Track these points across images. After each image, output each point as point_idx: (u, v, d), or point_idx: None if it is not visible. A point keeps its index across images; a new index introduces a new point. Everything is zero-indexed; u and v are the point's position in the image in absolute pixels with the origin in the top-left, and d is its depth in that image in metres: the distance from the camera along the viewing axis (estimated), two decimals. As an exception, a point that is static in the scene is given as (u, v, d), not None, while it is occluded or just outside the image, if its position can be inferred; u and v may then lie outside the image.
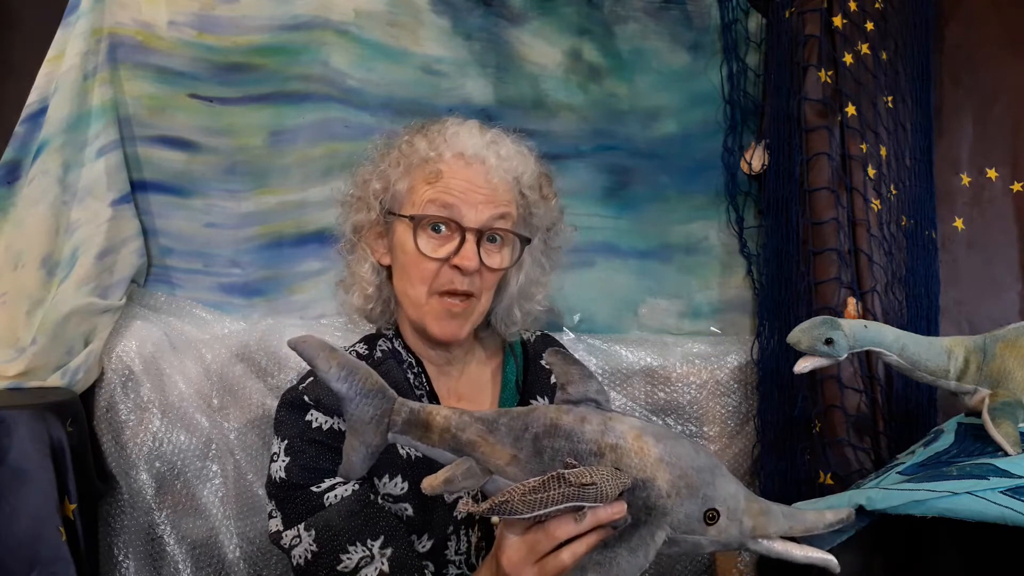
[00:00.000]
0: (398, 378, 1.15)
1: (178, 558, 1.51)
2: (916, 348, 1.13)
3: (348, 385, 0.83)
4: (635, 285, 1.76)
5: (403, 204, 1.16)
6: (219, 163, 1.64)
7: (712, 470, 0.80)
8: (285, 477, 1.08)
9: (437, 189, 1.12)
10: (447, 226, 1.13)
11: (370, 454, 0.85)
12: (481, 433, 0.83)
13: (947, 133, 1.77)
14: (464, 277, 1.13)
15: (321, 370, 0.83)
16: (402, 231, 1.15)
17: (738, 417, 1.70)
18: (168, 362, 1.54)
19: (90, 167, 1.53)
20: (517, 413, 0.84)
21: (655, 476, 0.78)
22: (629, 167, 1.77)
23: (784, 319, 1.56)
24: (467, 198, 1.12)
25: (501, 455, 0.82)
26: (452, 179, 1.12)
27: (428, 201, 1.12)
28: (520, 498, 0.75)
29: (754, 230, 1.77)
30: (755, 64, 1.78)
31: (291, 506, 1.07)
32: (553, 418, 0.82)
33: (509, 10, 1.74)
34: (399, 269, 1.17)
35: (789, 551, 0.80)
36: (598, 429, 0.80)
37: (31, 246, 1.49)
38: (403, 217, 1.15)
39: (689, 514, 0.78)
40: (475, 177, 1.13)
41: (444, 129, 1.17)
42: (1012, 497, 0.90)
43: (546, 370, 1.27)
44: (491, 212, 1.13)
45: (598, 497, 0.75)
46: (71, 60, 1.52)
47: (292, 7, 1.64)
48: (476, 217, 1.12)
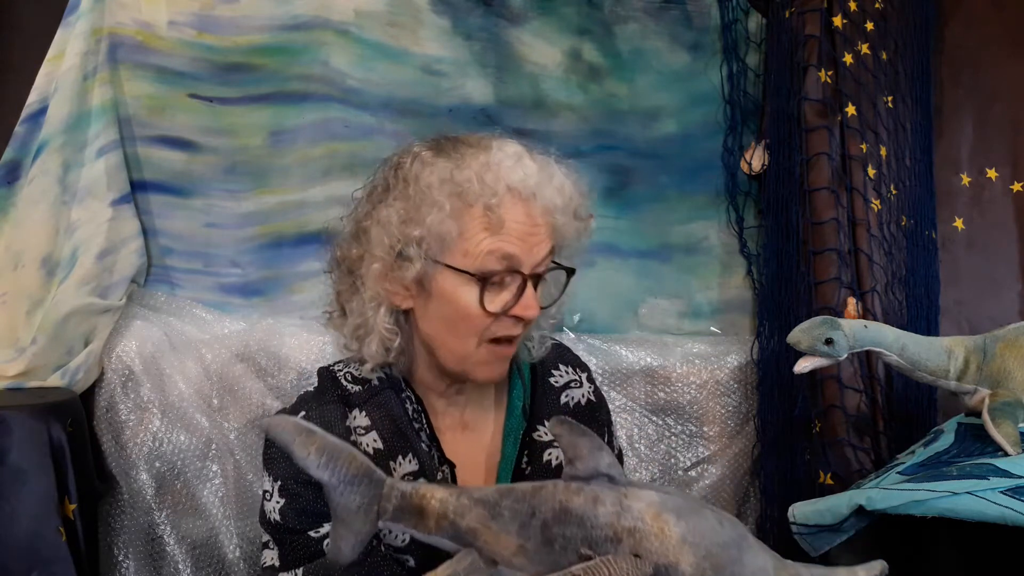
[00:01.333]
0: (396, 412, 1.06)
1: (178, 558, 1.51)
2: (916, 348, 1.13)
3: (330, 472, 0.76)
4: (635, 285, 1.76)
5: (451, 251, 0.99)
6: (219, 163, 1.64)
7: (738, 544, 0.75)
8: (280, 520, 1.03)
9: (498, 239, 0.98)
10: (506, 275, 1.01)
11: (359, 542, 0.79)
12: (483, 519, 0.76)
13: (947, 133, 1.77)
14: (519, 323, 1.03)
15: (299, 457, 0.77)
16: (450, 282, 1.00)
17: (738, 417, 1.70)
18: (168, 362, 1.54)
19: (90, 167, 1.53)
20: (522, 494, 0.77)
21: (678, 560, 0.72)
22: (629, 167, 1.77)
23: (784, 319, 1.56)
24: (526, 243, 1.00)
25: (506, 544, 0.76)
26: (511, 223, 0.99)
27: (487, 252, 0.99)
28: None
29: (754, 230, 1.77)
30: (755, 64, 1.78)
31: (289, 549, 1.02)
32: (563, 501, 0.75)
33: (509, 10, 1.74)
34: (439, 319, 1.03)
35: None
36: (613, 511, 0.74)
37: (31, 246, 1.49)
38: (460, 272, 0.99)
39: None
40: (530, 215, 1.00)
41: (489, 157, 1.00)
42: (1012, 497, 0.90)
43: (555, 388, 1.16)
44: (544, 251, 1.02)
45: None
46: (71, 60, 1.52)
47: (292, 7, 1.64)
48: (533, 260, 1.01)
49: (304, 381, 1.57)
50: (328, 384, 1.11)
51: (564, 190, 1.03)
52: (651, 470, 1.67)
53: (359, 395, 1.08)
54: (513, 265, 1.00)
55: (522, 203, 1.00)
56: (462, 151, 1.02)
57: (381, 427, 1.05)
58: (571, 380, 1.18)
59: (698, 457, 1.69)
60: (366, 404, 1.07)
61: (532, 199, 1.00)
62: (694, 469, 1.68)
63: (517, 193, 0.99)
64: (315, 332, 1.57)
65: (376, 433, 1.04)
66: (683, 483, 1.67)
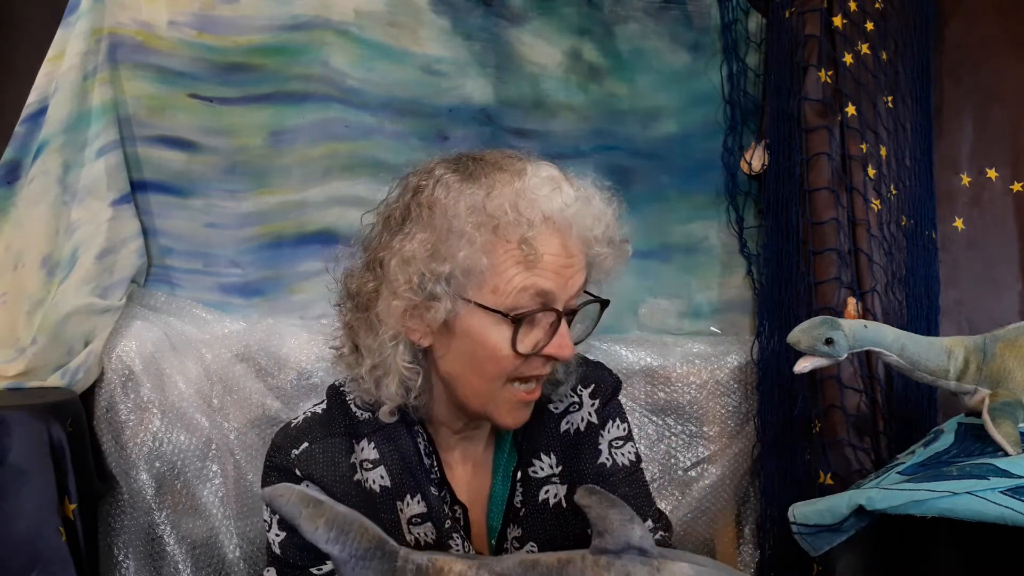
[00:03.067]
0: (406, 447, 0.99)
1: (178, 558, 1.51)
2: (916, 348, 1.13)
3: (341, 547, 0.73)
4: (635, 285, 1.76)
5: (480, 288, 0.91)
6: (219, 163, 1.64)
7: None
8: (281, 554, 0.97)
9: (533, 274, 0.90)
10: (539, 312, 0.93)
11: None
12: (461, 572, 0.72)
13: (947, 133, 1.77)
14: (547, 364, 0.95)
15: (306, 531, 0.72)
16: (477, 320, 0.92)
17: (738, 417, 1.70)
18: (168, 362, 1.54)
19: (90, 167, 1.53)
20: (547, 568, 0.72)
21: None
22: (629, 167, 1.77)
23: (784, 319, 1.56)
24: (561, 276, 0.92)
25: None
26: (547, 258, 0.90)
27: (520, 289, 0.90)
28: None
29: (754, 230, 1.77)
30: (755, 64, 1.78)
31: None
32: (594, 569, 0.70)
33: (509, 10, 1.74)
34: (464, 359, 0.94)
35: None
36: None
37: (31, 246, 1.49)
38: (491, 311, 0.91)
39: None
40: (565, 247, 0.92)
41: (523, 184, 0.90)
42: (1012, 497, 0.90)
43: (555, 416, 1.07)
44: (579, 284, 0.95)
45: None
46: (71, 60, 1.52)
47: (292, 7, 1.64)
48: (567, 294, 0.93)
49: (304, 381, 1.57)
50: (337, 411, 1.03)
51: (603, 219, 0.95)
52: (651, 470, 1.67)
53: (368, 424, 1.01)
54: (547, 302, 0.91)
55: (558, 234, 0.91)
56: (492, 176, 0.92)
57: (389, 462, 0.98)
58: (571, 404, 1.08)
59: (698, 457, 1.69)
60: (375, 435, 1.00)
61: (568, 229, 0.91)
62: (694, 469, 1.68)
63: (553, 223, 0.90)
64: (315, 332, 1.57)
65: (384, 469, 0.98)
66: (683, 483, 1.68)
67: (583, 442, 1.06)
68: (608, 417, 1.09)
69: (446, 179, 0.92)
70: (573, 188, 0.93)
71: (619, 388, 1.13)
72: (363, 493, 0.96)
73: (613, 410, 1.11)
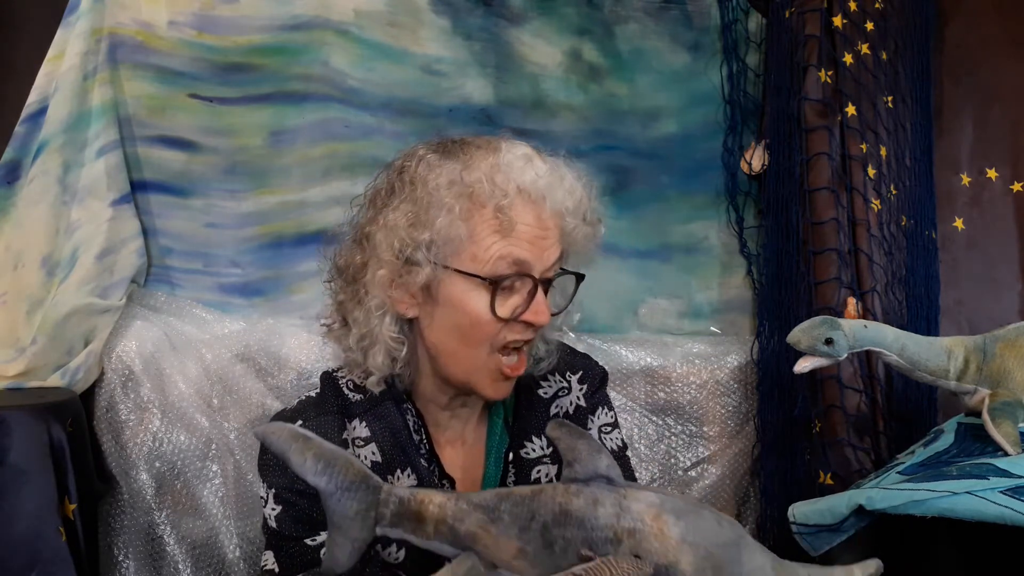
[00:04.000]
0: (396, 424, 1.04)
1: (178, 558, 1.51)
2: (916, 348, 1.13)
3: (327, 479, 0.76)
4: (635, 285, 1.76)
5: (459, 255, 0.96)
6: (219, 163, 1.64)
7: (737, 543, 0.75)
8: (277, 528, 1.01)
9: (509, 242, 0.96)
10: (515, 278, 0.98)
11: (356, 549, 0.78)
12: (482, 523, 0.76)
13: (947, 133, 1.77)
14: (529, 328, 1.00)
15: (295, 464, 0.77)
16: (459, 287, 0.97)
17: (738, 417, 1.70)
18: (168, 362, 1.54)
19: (90, 167, 1.53)
20: (521, 497, 0.77)
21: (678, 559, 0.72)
22: (629, 167, 1.77)
23: (784, 319, 1.56)
24: (536, 246, 0.97)
25: (506, 548, 0.75)
26: (522, 227, 0.96)
27: (498, 256, 0.96)
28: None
29: (754, 230, 1.77)
30: (755, 64, 1.78)
31: (286, 556, 1.00)
32: (563, 503, 0.74)
33: (509, 10, 1.74)
34: (448, 328, 0.99)
35: None
36: (613, 513, 0.73)
37: (31, 246, 1.49)
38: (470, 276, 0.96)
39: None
40: (540, 218, 0.98)
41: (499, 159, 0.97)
42: (1012, 497, 0.90)
43: (544, 400, 1.12)
44: (555, 255, 1.00)
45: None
46: (71, 60, 1.52)
47: (292, 7, 1.64)
48: (543, 264, 0.99)
49: (304, 381, 1.57)
50: (329, 392, 1.08)
51: (575, 192, 1.01)
52: (651, 470, 1.67)
53: (360, 404, 1.06)
54: (524, 270, 0.97)
55: (532, 205, 0.97)
56: (470, 152, 0.99)
57: (380, 439, 1.03)
58: (560, 388, 1.14)
59: (698, 457, 1.69)
60: (366, 415, 1.05)
61: (542, 201, 0.97)
62: (694, 469, 1.68)
63: (527, 195, 0.96)
64: (315, 332, 1.57)
65: (375, 445, 1.03)
66: (683, 483, 1.67)
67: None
68: (598, 404, 1.16)
69: (428, 158, 0.99)
70: (545, 163, 1.00)
71: (606, 378, 1.19)
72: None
73: (602, 399, 1.17)
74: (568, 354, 1.17)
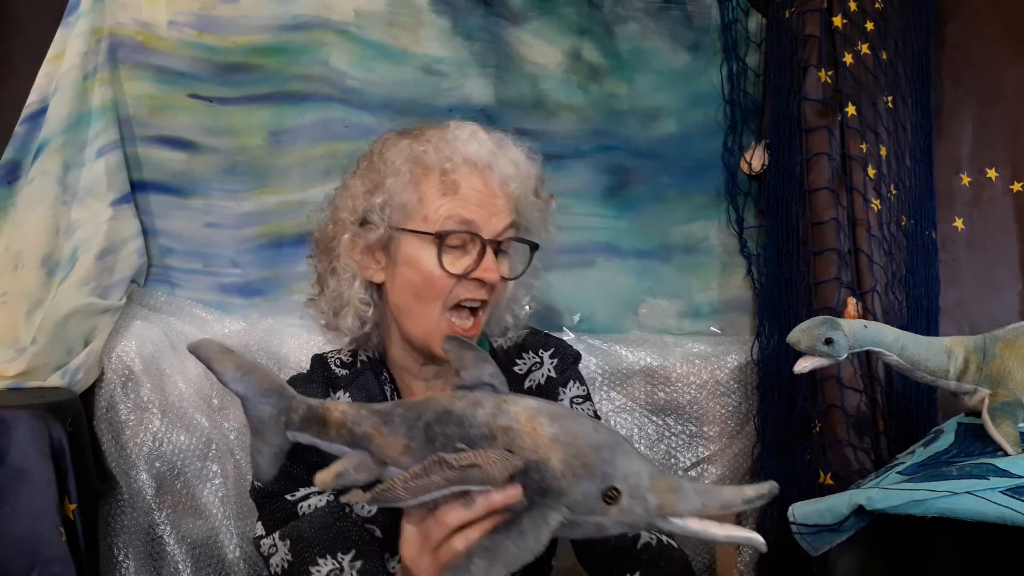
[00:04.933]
0: (374, 393, 1.12)
1: (178, 558, 1.51)
2: (916, 348, 1.13)
3: (245, 386, 0.83)
4: (635, 285, 1.76)
5: (412, 218, 1.07)
6: (219, 163, 1.64)
7: (612, 447, 0.75)
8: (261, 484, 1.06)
9: (455, 202, 1.05)
10: (463, 238, 1.07)
11: (274, 455, 0.85)
12: (376, 425, 0.81)
13: (947, 133, 1.77)
14: (481, 288, 1.07)
15: (217, 372, 0.83)
16: (414, 246, 1.07)
17: (738, 417, 1.70)
18: (168, 362, 1.54)
19: (90, 167, 1.53)
20: (413, 403, 0.82)
21: (548, 456, 0.74)
22: (629, 167, 1.77)
23: (784, 319, 1.56)
24: (483, 210, 1.06)
25: (395, 446, 0.80)
26: (468, 190, 1.06)
27: (446, 216, 1.05)
28: (402, 485, 0.72)
29: (754, 230, 1.77)
30: (755, 64, 1.78)
31: (268, 513, 1.06)
32: (446, 405, 0.79)
33: (509, 10, 1.74)
34: (405, 287, 1.08)
35: (707, 530, 0.74)
36: (490, 412, 0.77)
37: (31, 246, 1.49)
38: (421, 234, 1.06)
39: (587, 494, 0.74)
40: (488, 186, 1.07)
41: (448, 134, 1.09)
42: (1012, 497, 0.90)
43: (519, 376, 1.20)
44: (505, 222, 1.08)
45: (484, 480, 0.72)
46: (71, 60, 1.52)
47: (292, 7, 1.64)
48: (492, 227, 1.07)
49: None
50: (318, 367, 1.17)
51: (519, 164, 1.11)
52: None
53: (345, 378, 1.14)
54: (471, 228, 1.06)
55: (478, 173, 1.07)
56: (423, 130, 1.12)
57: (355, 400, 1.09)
58: (534, 363, 1.22)
59: (698, 457, 1.69)
60: (350, 386, 1.13)
61: (488, 169, 1.07)
62: (694, 469, 1.68)
63: (473, 164, 1.07)
64: (315, 332, 1.57)
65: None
66: (683, 483, 1.67)
67: (543, 394, 1.18)
68: (569, 378, 1.23)
69: (389, 138, 1.13)
70: (490, 136, 1.11)
71: (579, 358, 1.27)
72: None
73: (574, 374, 1.24)
74: (543, 336, 1.27)
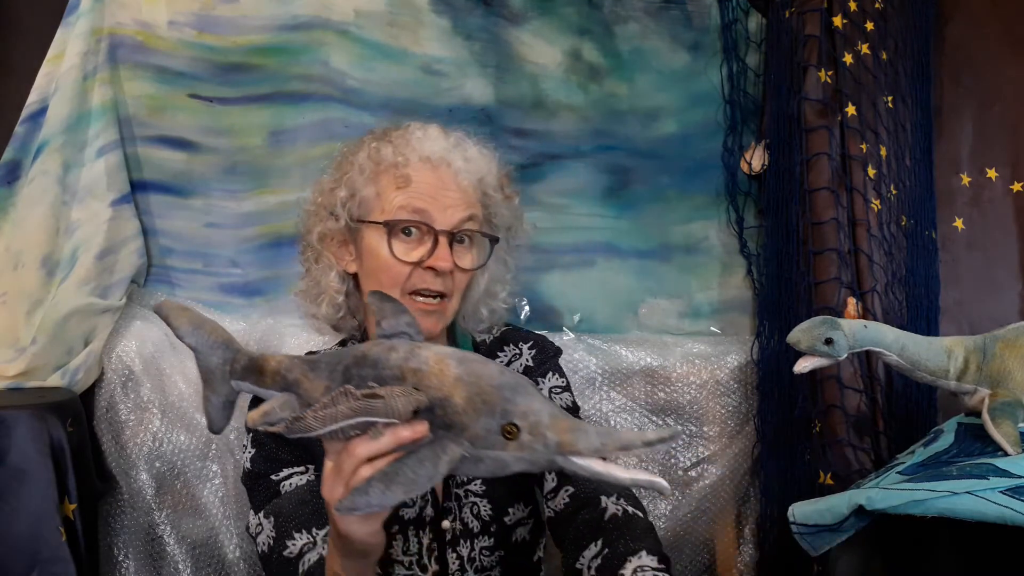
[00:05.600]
0: None
1: (178, 558, 1.51)
2: (916, 348, 1.13)
3: (196, 338, 0.93)
4: (635, 285, 1.76)
5: (372, 210, 1.16)
6: (219, 163, 1.64)
7: (515, 388, 0.79)
8: (250, 467, 1.14)
9: (407, 194, 1.13)
10: (419, 229, 1.14)
11: (223, 404, 0.95)
12: (304, 372, 0.88)
13: (947, 133, 1.77)
14: (437, 278, 1.14)
15: (173, 326, 0.93)
16: (373, 237, 1.16)
17: (738, 417, 1.70)
18: (168, 362, 1.54)
19: (90, 167, 1.53)
20: (337, 351, 0.89)
21: (452, 394, 0.79)
22: (629, 167, 1.77)
23: (784, 319, 1.56)
24: (437, 201, 1.14)
25: (318, 388, 0.86)
26: (421, 183, 1.14)
27: (399, 207, 1.13)
28: (312, 415, 0.77)
29: (754, 230, 1.77)
30: (755, 64, 1.78)
31: (256, 494, 1.12)
32: (364, 350, 0.85)
33: (509, 10, 1.74)
34: (369, 275, 1.17)
35: (611, 472, 0.77)
36: (403, 356, 0.82)
37: (31, 246, 1.49)
38: (374, 223, 1.15)
39: (488, 429, 0.78)
40: (442, 180, 1.15)
41: (408, 134, 1.18)
42: (1012, 497, 0.90)
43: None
44: (461, 214, 1.15)
45: (387, 411, 0.76)
46: (71, 60, 1.52)
47: (292, 7, 1.64)
48: (446, 219, 1.14)
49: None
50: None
51: (473, 159, 1.18)
52: (651, 470, 1.67)
53: None
54: (424, 219, 1.13)
55: (433, 169, 1.15)
56: (390, 132, 1.21)
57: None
58: (513, 355, 1.29)
59: (698, 457, 1.69)
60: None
61: (442, 164, 1.15)
62: (694, 469, 1.68)
63: (427, 159, 1.15)
64: (315, 332, 1.57)
65: None
66: (683, 483, 1.68)
67: None
68: (549, 369, 1.29)
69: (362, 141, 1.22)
70: (448, 137, 1.19)
71: (559, 353, 1.33)
72: None
73: (554, 366, 1.31)
74: (524, 331, 1.35)
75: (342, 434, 0.79)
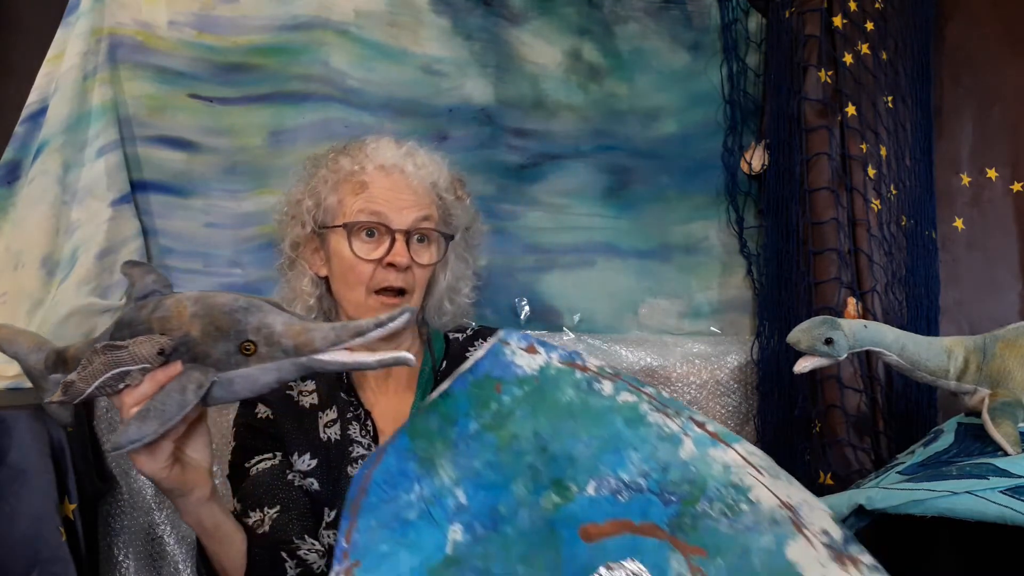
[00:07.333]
0: (331, 377, 1.26)
1: (178, 558, 1.51)
2: (916, 348, 1.13)
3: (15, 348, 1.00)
4: (635, 285, 1.76)
5: (335, 216, 1.24)
6: (219, 163, 1.64)
7: (247, 309, 0.85)
8: (231, 459, 1.23)
9: (364, 199, 1.22)
10: (377, 230, 1.22)
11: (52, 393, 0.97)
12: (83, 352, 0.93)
13: (947, 133, 1.77)
14: (398, 274, 1.21)
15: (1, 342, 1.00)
16: (337, 240, 1.23)
17: (738, 417, 1.70)
18: (168, 362, 1.54)
19: (90, 167, 1.53)
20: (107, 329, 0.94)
21: (190, 330, 0.85)
22: (629, 167, 1.77)
23: (784, 319, 1.56)
24: (392, 204, 1.22)
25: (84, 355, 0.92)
26: (377, 188, 1.22)
27: (358, 211, 1.22)
28: (77, 377, 0.84)
29: (754, 230, 1.77)
30: (755, 64, 1.78)
31: (235, 483, 1.20)
32: (120, 316, 0.92)
33: (509, 10, 1.74)
34: (337, 276, 1.25)
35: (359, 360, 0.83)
36: (150, 309, 0.88)
37: (31, 246, 1.49)
38: (337, 227, 1.23)
39: (227, 351, 0.84)
40: (397, 185, 1.23)
41: (364, 146, 1.28)
42: (1012, 497, 0.90)
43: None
44: (415, 215, 1.23)
45: (134, 357, 0.83)
46: (71, 60, 1.52)
47: (292, 7, 1.64)
48: (402, 220, 1.22)
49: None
50: None
51: (425, 166, 1.27)
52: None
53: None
54: (381, 220, 1.21)
55: (387, 176, 1.23)
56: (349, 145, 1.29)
57: (318, 386, 1.26)
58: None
59: (698, 457, 1.68)
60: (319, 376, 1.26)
61: (397, 172, 1.24)
62: (694, 469, 1.68)
63: (382, 168, 1.24)
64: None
65: (316, 394, 1.25)
66: (683, 483, 1.68)
67: None
68: None
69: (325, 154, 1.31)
70: (401, 147, 1.28)
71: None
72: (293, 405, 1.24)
73: None
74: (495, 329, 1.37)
75: (110, 389, 0.85)
